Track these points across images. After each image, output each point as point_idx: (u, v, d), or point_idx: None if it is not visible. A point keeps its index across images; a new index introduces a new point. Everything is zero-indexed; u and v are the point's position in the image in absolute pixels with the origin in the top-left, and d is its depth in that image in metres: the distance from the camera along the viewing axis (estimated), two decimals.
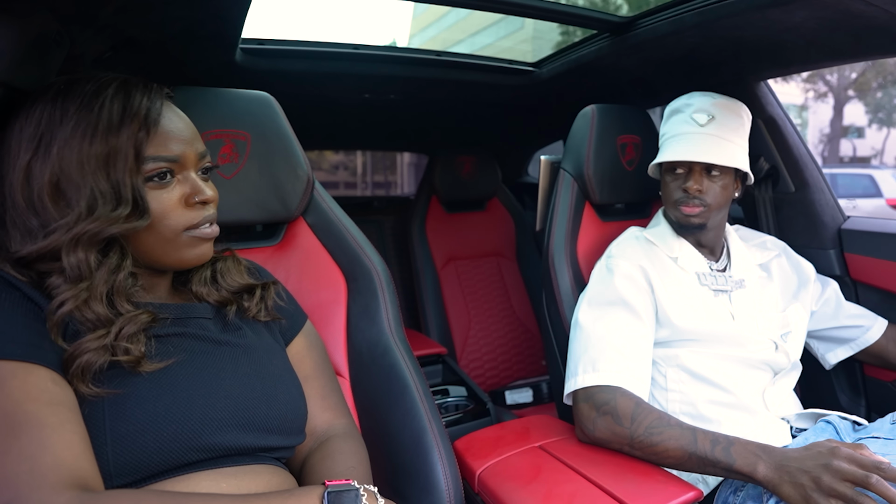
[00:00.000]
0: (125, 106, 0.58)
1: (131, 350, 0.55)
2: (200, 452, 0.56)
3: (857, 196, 8.04)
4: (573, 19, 1.25)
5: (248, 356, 0.66)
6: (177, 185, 0.62)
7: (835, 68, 14.75)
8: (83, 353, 0.52)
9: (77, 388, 0.52)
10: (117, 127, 0.57)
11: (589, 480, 0.80)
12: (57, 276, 0.55)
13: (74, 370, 0.52)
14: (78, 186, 0.56)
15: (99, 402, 0.52)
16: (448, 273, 2.12)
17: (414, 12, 21.97)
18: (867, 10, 0.85)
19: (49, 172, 0.55)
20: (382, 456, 0.84)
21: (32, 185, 0.55)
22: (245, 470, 0.60)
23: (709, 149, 1.00)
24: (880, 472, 0.67)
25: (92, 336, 0.54)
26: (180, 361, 0.59)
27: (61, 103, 0.57)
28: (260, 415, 0.62)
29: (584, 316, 0.99)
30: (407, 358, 0.87)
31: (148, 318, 0.58)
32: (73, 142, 0.56)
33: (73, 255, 0.55)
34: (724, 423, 0.96)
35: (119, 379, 0.54)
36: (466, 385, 1.51)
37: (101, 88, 0.58)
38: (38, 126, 0.56)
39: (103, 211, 0.56)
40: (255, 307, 0.72)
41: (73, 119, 0.56)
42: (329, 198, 1.00)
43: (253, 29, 1.20)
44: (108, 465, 0.51)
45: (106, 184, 0.56)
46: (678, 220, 1.06)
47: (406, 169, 13.52)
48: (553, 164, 1.51)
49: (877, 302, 1.18)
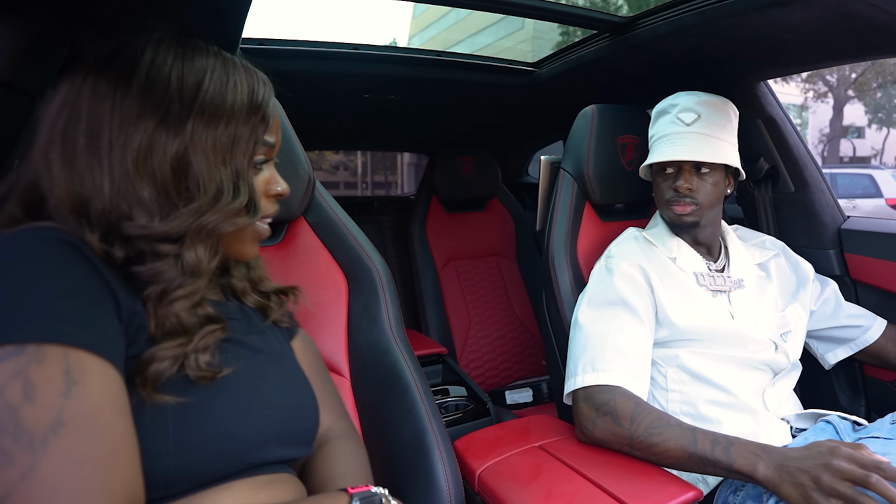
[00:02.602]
0: (252, 92, 0.56)
1: (202, 363, 0.51)
2: (246, 465, 0.55)
3: (857, 196, 8.05)
4: (573, 19, 1.25)
5: (281, 364, 0.65)
6: (263, 172, 0.61)
7: (835, 68, 14.76)
8: (161, 360, 0.48)
9: (143, 393, 0.48)
10: (247, 115, 0.55)
11: (589, 480, 0.79)
12: (165, 263, 0.51)
13: (150, 375, 0.48)
14: (205, 168, 0.53)
15: (163, 409, 0.49)
16: (448, 273, 2.12)
17: (414, 12, 21.97)
18: (867, 10, 0.85)
19: (177, 146, 0.52)
20: (383, 456, 0.84)
21: (153, 154, 0.51)
22: (276, 479, 0.59)
23: (696, 147, 1.00)
24: (880, 471, 0.67)
25: (171, 343, 0.50)
26: (234, 371, 0.56)
27: (192, 70, 0.53)
28: (296, 427, 0.62)
29: (583, 316, 0.99)
30: (408, 358, 0.87)
31: (222, 334, 0.55)
32: (207, 120, 0.53)
33: (195, 248, 0.52)
34: (724, 424, 0.96)
35: (181, 386, 0.50)
36: (466, 385, 1.51)
37: (228, 67, 0.56)
38: (166, 91, 0.52)
39: (225, 201, 0.53)
40: (281, 311, 0.71)
41: (207, 95, 0.53)
42: (330, 197, 1.00)
43: (253, 29, 1.20)
44: (167, 475, 0.48)
45: (231, 171, 0.54)
46: (671, 219, 1.07)
47: (406, 169, 13.52)
48: (553, 164, 1.52)
49: (876, 302, 1.18)
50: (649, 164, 1.06)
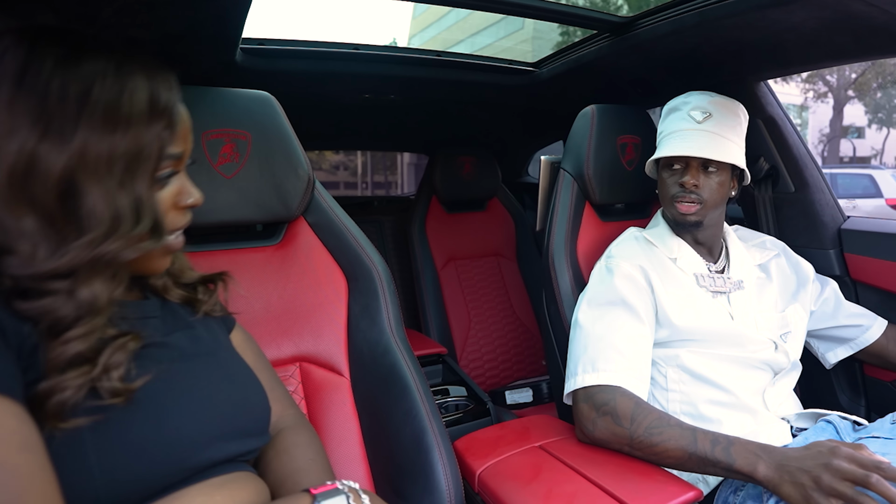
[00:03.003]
0: (152, 96, 0.50)
1: (116, 383, 0.47)
2: (191, 470, 0.52)
3: (857, 196, 8.05)
4: (573, 19, 1.25)
5: (215, 360, 0.61)
6: (170, 184, 0.54)
7: (835, 68, 14.76)
8: (63, 389, 0.44)
9: (50, 424, 0.43)
10: (146, 121, 0.49)
11: (589, 480, 0.80)
12: (56, 300, 0.45)
13: (51, 408, 0.43)
14: (98, 194, 0.46)
15: (77, 434, 0.44)
16: (448, 273, 2.12)
17: (414, 12, 21.98)
18: (867, 10, 0.85)
19: (64, 165, 0.45)
20: (383, 456, 0.84)
21: (33, 176, 0.44)
22: (230, 479, 0.56)
23: (705, 145, 1.00)
24: (880, 471, 0.67)
25: (75, 373, 0.45)
26: (157, 375, 0.52)
27: (75, 74, 0.46)
28: (239, 421, 0.58)
29: (583, 316, 0.99)
30: (407, 358, 0.87)
31: (136, 345, 0.51)
32: (99, 133, 0.46)
33: (90, 283, 0.47)
34: (724, 423, 0.96)
35: (94, 402, 0.46)
36: (466, 385, 1.51)
37: (121, 67, 0.49)
38: (44, 99, 0.45)
39: (125, 229, 0.48)
40: (212, 302, 0.67)
41: (99, 103, 0.46)
42: (329, 197, 1.00)
43: (253, 29, 1.20)
44: (98, 499, 0.45)
45: (128, 194, 0.48)
46: (674, 217, 1.06)
47: (406, 169, 13.53)
48: (553, 164, 1.52)
49: (877, 302, 1.18)
50: (657, 158, 1.06)
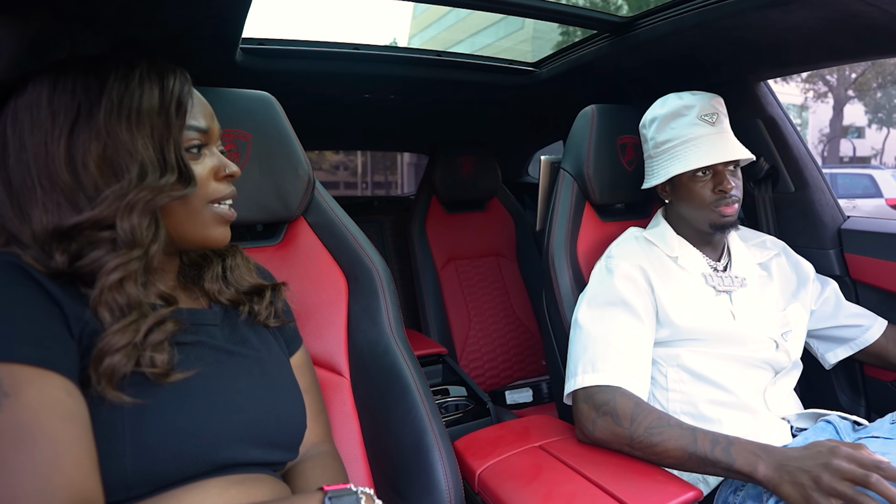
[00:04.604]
0: (162, 85, 0.58)
1: (157, 361, 0.52)
2: (212, 465, 0.56)
3: (857, 196, 8.06)
4: (573, 19, 1.25)
5: (260, 367, 0.65)
6: (206, 159, 0.62)
7: (835, 68, 14.76)
8: (113, 351, 0.50)
9: (102, 391, 0.49)
10: (157, 104, 0.57)
11: (589, 480, 0.80)
12: (102, 248, 0.53)
13: (102, 372, 0.49)
14: (127, 154, 0.54)
15: (118, 410, 0.50)
16: (448, 273, 2.12)
17: (414, 12, 21.96)
18: (867, 10, 0.85)
19: (96, 142, 0.54)
20: (383, 456, 0.84)
21: (76, 157, 0.53)
22: (249, 478, 0.59)
23: (734, 146, 1.01)
24: (880, 471, 0.67)
25: (119, 325, 0.51)
26: (199, 372, 0.57)
27: (95, 74, 0.55)
28: (269, 431, 0.62)
29: (583, 316, 0.99)
30: (407, 358, 0.87)
31: (174, 328, 0.56)
32: (118, 111, 0.55)
33: (128, 220, 0.53)
34: (724, 423, 0.96)
35: (140, 387, 0.52)
36: (466, 385, 1.51)
37: (133, 66, 0.57)
38: (73, 95, 0.54)
39: (152, 178, 0.55)
40: (266, 310, 0.71)
41: (114, 88, 0.55)
42: (330, 197, 1.00)
43: (253, 29, 1.20)
44: (126, 476, 0.49)
45: (152, 152, 0.56)
46: (714, 222, 1.03)
47: (406, 169, 13.52)
48: (553, 164, 1.52)
49: (877, 302, 1.18)
50: (693, 169, 1.01)
